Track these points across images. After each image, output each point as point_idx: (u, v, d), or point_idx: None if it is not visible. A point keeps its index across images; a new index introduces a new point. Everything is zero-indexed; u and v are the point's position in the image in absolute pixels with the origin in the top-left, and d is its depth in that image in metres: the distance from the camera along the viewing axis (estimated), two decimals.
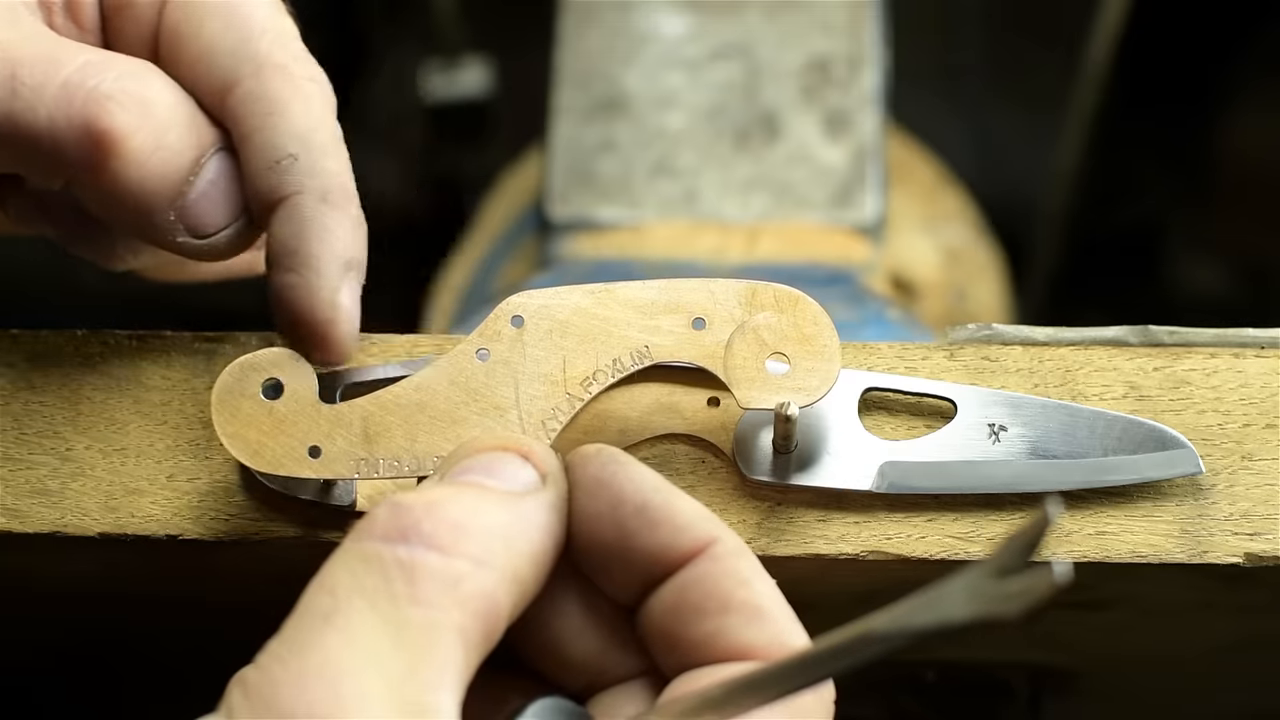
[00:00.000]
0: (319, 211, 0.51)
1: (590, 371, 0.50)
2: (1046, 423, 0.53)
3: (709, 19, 0.95)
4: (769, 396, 0.50)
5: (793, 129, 0.91)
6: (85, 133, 0.51)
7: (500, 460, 0.47)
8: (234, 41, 0.52)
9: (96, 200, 0.52)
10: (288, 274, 0.51)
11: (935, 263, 1.00)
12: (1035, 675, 0.67)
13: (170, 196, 0.52)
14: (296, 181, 0.51)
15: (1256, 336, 0.54)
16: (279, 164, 0.51)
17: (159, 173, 0.51)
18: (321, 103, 0.53)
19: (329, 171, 0.52)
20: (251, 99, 0.52)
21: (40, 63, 0.51)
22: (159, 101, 0.52)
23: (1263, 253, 1.35)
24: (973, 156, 1.34)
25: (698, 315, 0.50)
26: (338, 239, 0.51)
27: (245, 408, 0.50)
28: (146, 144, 0.51)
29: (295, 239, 0.51)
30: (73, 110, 0.51)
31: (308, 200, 0.51)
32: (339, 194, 0.52)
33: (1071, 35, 1.25)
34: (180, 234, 0.52)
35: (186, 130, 0.52)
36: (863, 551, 0.52)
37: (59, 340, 0.56)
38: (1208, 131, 1.31)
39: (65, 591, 0.60)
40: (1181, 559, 0.52)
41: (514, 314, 0.50)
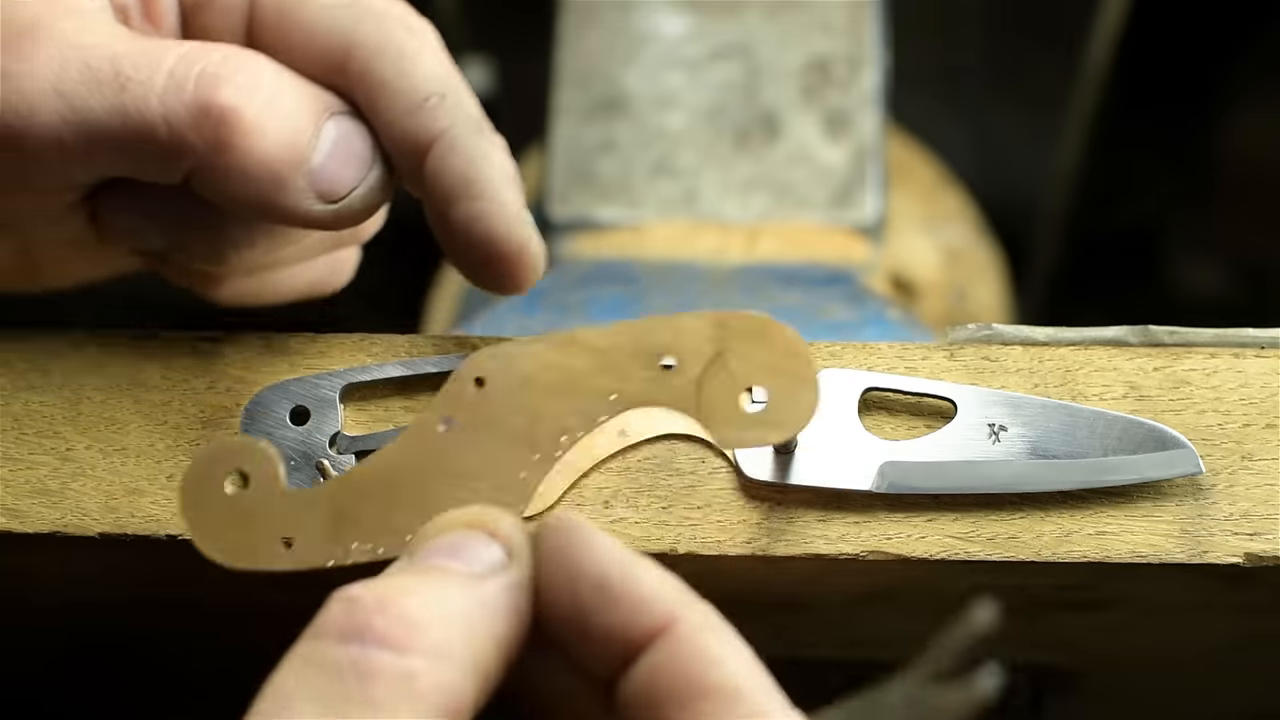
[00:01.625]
0: (478, 140, 0.52)
1: (559, 427, 0.48)
2: (1046, 423, 0.53)
3: (709, 19, 0.95)
4: (748, 436, 0.49)
5: (793, 129, 0.91)
6: (203, 113, 0.51)
7: (465, 541, 0.46)
8: (344, 2, 0.53)
9: (221, 184, 0.52)
10: (474, 202, 0.52)
11: (935, 263, 1.00)
12: (1035, 675, 0.67)
13: (296, 162, 0.52)
14: (448, 117, 0.52)
15: (1256, 336, 0.54)
16: (427, 103, 0.52)
17: (282, 140, 0.52)
18: (443, 49, 0.54)
19: (472, 103, 0.53)
20: (379, 52, 0.53)
21: (140, 56, 0.52)
22: (266, 73, 0.52)
23: (1263, 253, 1.35)
24: (973, 156, 1.34)
25: (665, 356, 0.48)
26: (504, 159, 0.53)
27: (214, 502, 0.48)
28: (265, 112, 0.51)
29: (469, 168, 0.52)
30: (185, 94, 0.51)
31: (466, 132, 0.52)
32: (486, 125, 0.53)
33: (1071, 35, 1.26)
34: (312, 202, 0.52)
35: (299, 96, 0.53)
36: (863, 551, 0.52)
37: (59, 340, 0.56)
38: (1208, 131, 1.32)
39: (64, 593, 0.60)
40: (1181, 559, 0.52)
41: (475, 375, 0.48)
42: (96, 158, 0.52)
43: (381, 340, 0.55)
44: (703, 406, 0.48)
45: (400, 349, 0.55)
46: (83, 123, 0.51)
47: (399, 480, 0.49)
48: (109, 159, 0.53)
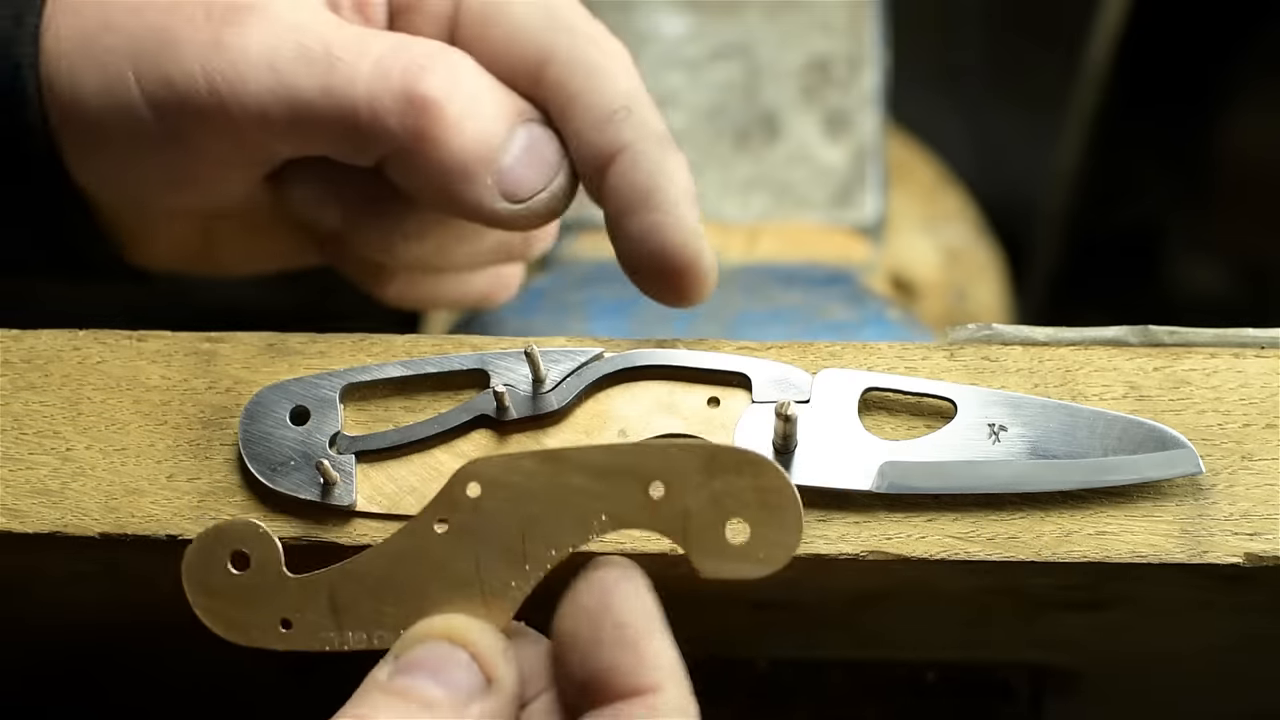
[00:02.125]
0: (660, 155, 0.54)
1: (550, 542, 0.48)
2: (1046, 423, 0.53)
3: (709, 19, 0.95)
4: (727, 568, 0.49)
5: (793, 129, 0.91)
6: (406, 100, 0.53)
7: (448, 660, 0.48)
8: (544, 15, 0.55)
9: (414, 171, 0.54)
10: (652, 213, 0.54)
11: (935, 263, 1.00)
12: (1035, 675, 0.67)
13: (487, 160, 0.54)
14: (634, 132, 0.54)
15: (1256, 336, 0.54)
16: (614, 117, 0.54)
17: (477, 137, 0.54)
18: (632, 66, 0.56)
19: (658, 121, 0.55)
20: (573, 65, 0.55)
21: (352, 41, 0.53)
22: (470, 71, 0.54)
23: (1263, 253, 1.35)
24: (973, 156, 1.34)
25: (656, 481, 0.48)
26: (685, 177, 0.54)
27: (215, 580, 0.50)
28: (465, 109, 0.53)
29: (650, 180, 0.54)
30: (391, 80, 0.53)
31: (650, 146, 0.54)
32: (670, 141, 0.55)
33: (1071, 35, 1.26)
34: (497, 200, 0.54)
35: (497, 98, 0.54)
36: (863, 551, 0.52)
37: (59, 340, 0.56)
38: (1208, 131, 1.32)
39: (63, 598, 0.60)
40: (1181, 559, 0.52)
41: (469, 483, 0.49)
42: (298, 133, 0.54)
43: (381, 340, 0.55)
44: (689, 535, 0.48)
45: (400, 349, 0.55)
46: (290, 97, 0.53)
47: (396, 575, 0.49)
48: (309, 136, 0.54)
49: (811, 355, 0.54)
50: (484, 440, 0.54)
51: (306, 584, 0.50)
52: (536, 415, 0.54)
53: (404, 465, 0.54)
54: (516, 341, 0.55)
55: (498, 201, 0.54)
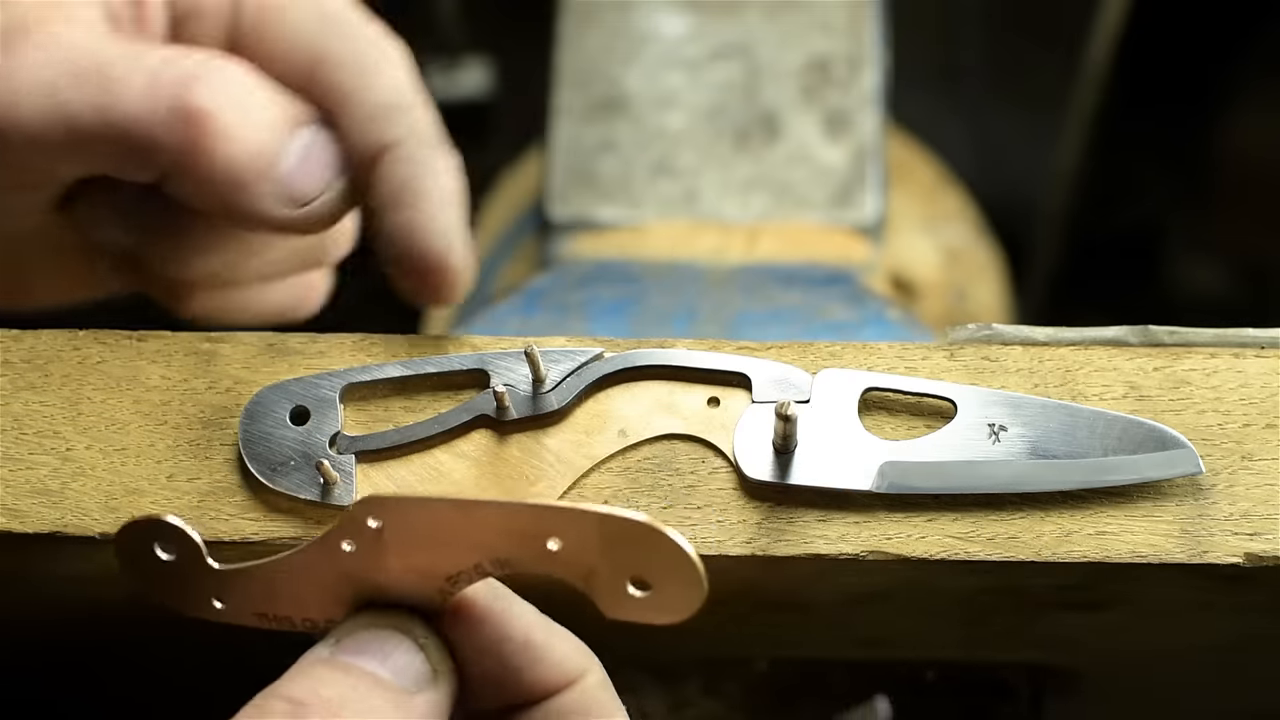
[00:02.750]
0: (427, 153, 0.54)
1: (454, 572, 0.48)
2: (1046, 423, 0.53)
3: (709, 19, 0.95)
4: (634, 614, 0.48)
5: (793, 129, 0.91)
6: (177, 113, 0.52)
7: (395, 644, 0.48)
8: (318, 17, 0.56)
9: (193, 184, 0.54)
10: (406, 210, 0.54)
11: (935, 263, 1.00)
12: (1035, 675, 0.67)
13: (265, 167, 0.53)
14: (402, 128, 0.54)
15: (1256, 336, 0.54)
16: (384, 113, 0.54)
17: (253, 144, 0.53)
18: (408, 65, 0.56)
19: (429, 120, 0.55)
20: (346, 63, 0.55)
21: (125, 58, 0.53)
22: (241, 79, 0.54)
23: (1263, 253, 1.35)
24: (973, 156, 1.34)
25: (553, 541, 0.47)
26: (449, 177, 0.54)
27: (147, 564, 0.49)
28: (236, 116, 0.53)
29: (410, 178, 0.54)
30: (161, 94, 0.53)
31: (415, 143, 0.54)
32: (438, 140, 0.55)
33: (1071, 35, 1.26)
34: (279, 206, 0.54)
35: (272, 104, 0.54)
36: (863, 551, 0.52)
37: (59, 340, 0.56)
38: (1208, 131, 1.32)
39: (63, 596, 0.60)
40: (1181, 559, 0.52)
41: (370, 516, 0.47)
42: (76, 154, 0.54)
43: (381, 340, 0.55)
44: (591, 586, 0.48)
45: (400, 349, 0.55)
46: (66, 119, 0.53)
47: (311, 580, 0.49)
48: (88, 156, 0.54)
49: (811, 355, 0.54)
50: (484, 440, 0.54)
51: (232, 575, 0.49)
52: (536, 415, 0.54)
53: (404, 465, 0.54)
54: (516, 341, 0.55)
55: (280, 207, 0.54)
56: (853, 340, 0.55)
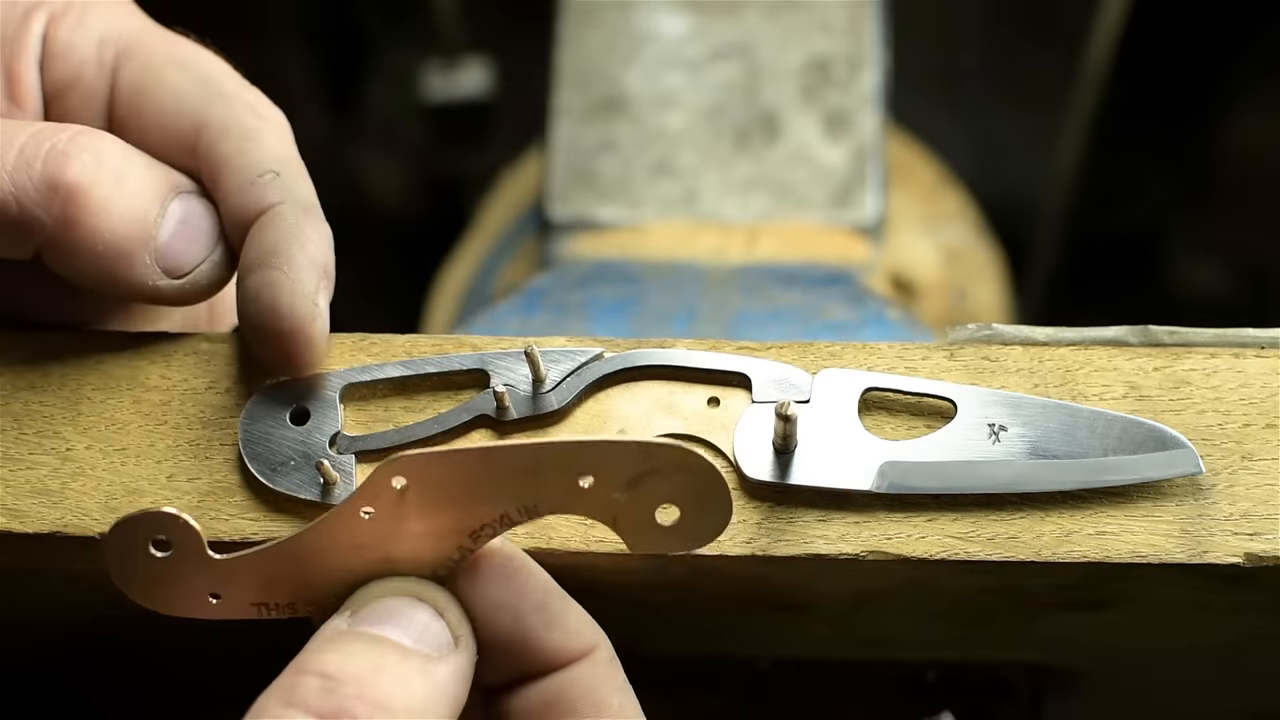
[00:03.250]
0: (300, 220, 0.53)
1: (477, 525, 0.49)
2: (1046, 423, 0.53)
3: (709, 19, 0.95)
4: (659, 545, 0.49)
5: (793, 129, 0.91)
6: (50, 189, 0.52)
7: (414, 611, 0.49)
8: (198, 85, 0.55)
9: (69, 260, 0.53)
10: (269, 271, 0.52)
11: (935, 263, 1.00)
12: (1035, 675, 0.67)
13: (142, 239, 0.53)
14: (278, 194, 0.53)
15: (1256, 336, 0.54)
16: (260, 179, 0.54)
17: (128, 216, 0.53)
18: (289, 135, 0.55)
19: (307, 188, 0.54)
20: (226, 131, 0.54)
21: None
22: (113, 152, 0.54)
23: (1263, 253, 1.35)
24: (973, 156, 1.34)
25: (584, 476, 0.48)
26: (318, 246, 0.53)
27: (139, 563, 0.49)
28: (110, 191, 0.53)
29: (277, 242, 0.53)
30: (33, 171, 0.53)
31: (289, 209, 0.53)
32: (315, 210, 0.54)
33: (1071, 35, 1.26)
34: (158, 277, 0.54)
35: (146, 175, 0.54)
36: (863, 551, 0.52)
37: (59, 340, 0.56)
38: (1208, 132, 1.32)
39: (63, 596, 0.60)
40: (1181, 559, 0.52)
41: (394, 477, 0.48)
42: None
43: (381, 340, 0.55)
44: (618, 519, 0.49)
45: (400, 349, 0.55)
46: None
47: (322, 557, 0.49)
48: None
49: (811, 355, 0.54)
50: (484, 440, 0.54)
51: (233, 564, 0.49)
52: (536, 415, 0.54)
53: None
54: (516, 341, 0.55)
55: (159, 278, 0.54)
56: (853, 340, 0.55)
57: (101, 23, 0.56)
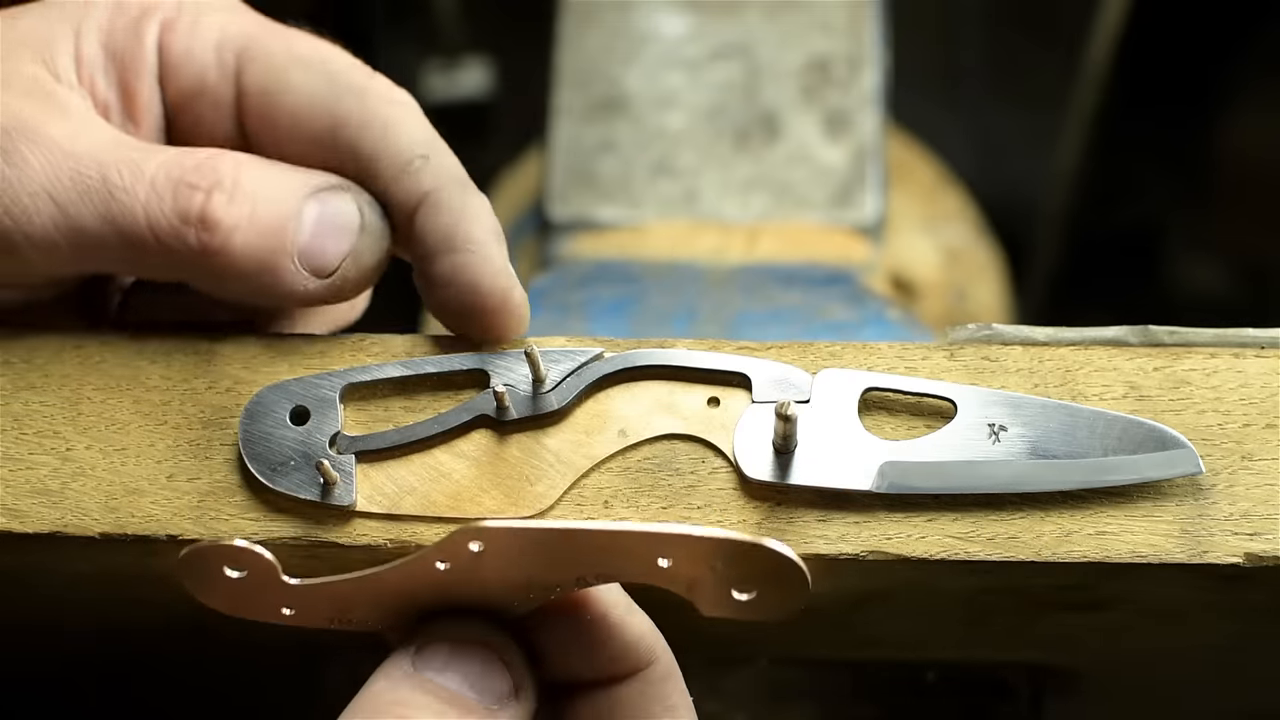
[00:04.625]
0: (464, 197, 0.54)
1: (554, 583, 0.50)
2: (1046, 423, 0.53)
3: (709, 19, 0.95)
4: (733, 613, 0.50)
5: (793, 129, 0.91)
6: (184, 221, 0.53)
7: (479, 661, 0.50)
8: (326, 82, 0.55)
9: (215, 283, 0.54)
10: (456, 254, 0.54)
11: (935, 263, 1.00)
12: (1035, 675, 0.67)
13: (282, 249, 0.54)
14: (433, 177, 0.54)
15: (1256, 336, 0.54)
16: (412, 165, 0.54)
17: (263, 231, 0.53)
18: (421, 113, 0.56)
19: (455, 162, 0.55)
20: (364, 122, 0.55)
21: (125, 165, 0.53)
22: (240, 172, 0.54)
23: (1263, 253, 1.35)
24: (973, 156, 1.34)
25: (664, 557, 0.49)
26: (489, 216, 0.55)
27: (216, 582, 0.50)
28: (242, 212, 0.53)
29: (453, 224, 0.54)
30: (166, 204, 0.53)
31: (451, 189, 0.54)
32: (470, 182, 0.55)
33: (1071, 35, 1.26)
34: (306, 280, 0.54)
35: (275, 186, 0.54)
36: (863, 551, 0.52)
37: (59, 340, 0.56)
38: (1208, 132, 1.32)
39: (63, 601, 0.60)
40: (1181, 559, 0.52)
41: (471, 541, 0.48)
42: (89, 260, 0.54)
43: (381, 340, 0.55)
44: (694, 590, 0.49)
45: (400, 349, 0.55)
46: (75, 229, 0.53)
47: (396, 594, 0.50)
48: (99, 262, 0.54)
49: (811, 355, 0.54)
50: (484, 440, 0.54)
51: (306, 589, 0.50)
52: (536, 415, 0.54)
53: (404, 465, 0.54)
54: (516, 342, 0.55)
55: (309, 281, 0.54)
56: (853, 340, 0.55)
57: (217, 26, 0.56)
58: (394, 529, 0.53)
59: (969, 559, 0.52)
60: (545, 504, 0.53)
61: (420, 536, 0.52)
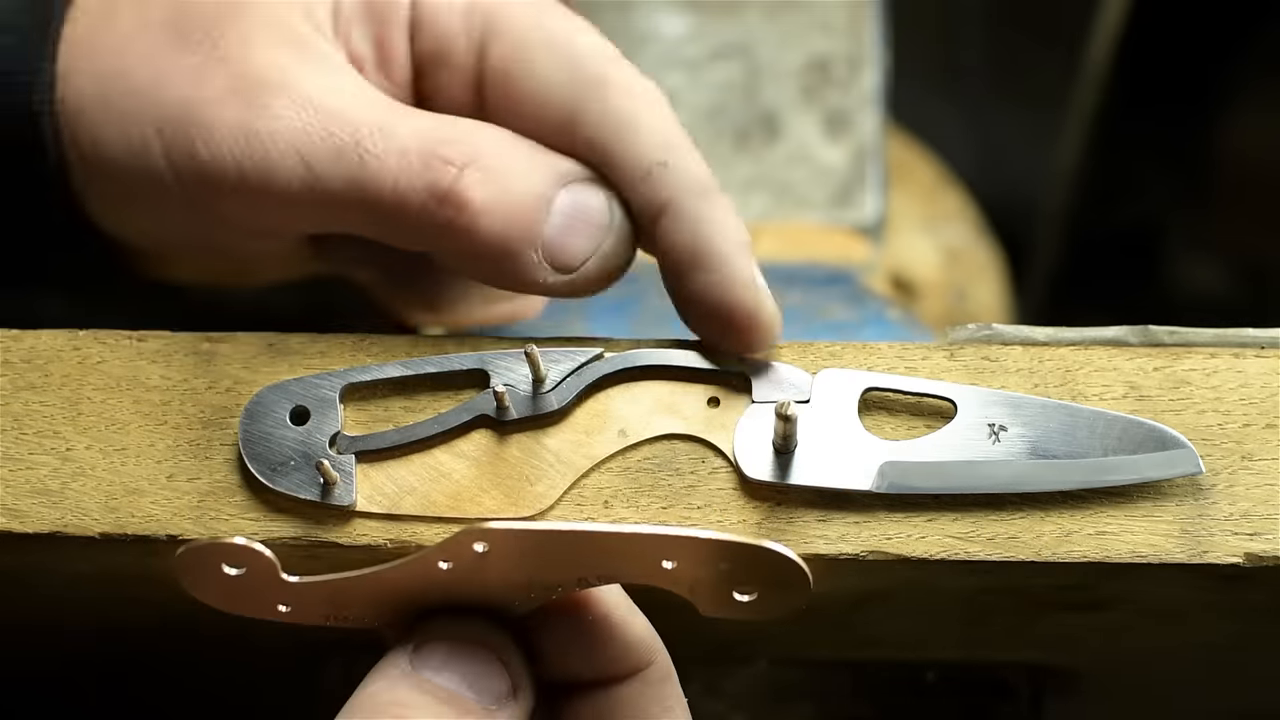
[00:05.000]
0: (703, 209, 0.52)
1: (554, 585, 0.49)
2: (1046, 423, 0.53)
3: (709, 19, 0.95)
4: (734, 613, 0.50)
5: (793, 129, 0.91)
6: (434, 196, 0.52)
7: (477, 661, 0.49)
8: (569, 70, 0.54)
9: (457, 260, 0.53)
10: (700, 274, 0.52)
11: (935, 263, 1.00)
12: (1035, 675, 0.67)
13: (529, 238, 0.52)
14: (672, 185, 0.53)
15: (1256, 336, 0.54)
16: (650, 174, 0.53)
17: (512, 216, 0.52)
18: (667, 109, 0.54)
19: (698, 170, 0.53)
20: (603, 121, 0.53)
21: (379, 129, 0.52)
22: (495, 151, 0.52)
23: (1263, 253, 1.35)
24: (973, 156, 1.34)
25: (669, 559, 0.49)
26: (730, 227, 0.53)
27: (212, 579, 0.50)
28: (494, 190, 0.52)
29: (694, 241, 0.52)
30: (417, 177, 0.52)
31: (689, 200, 0.52)
32: (712, 188, 0.53)
33: (1071, 35, 1.26)
34: (548, 274, 0.53)
35: (529, 171, 0.53)
36: (863, 551, 0.52)
37: (59, 340, 0.56)
38: (1208, 131, 1.32)
39: (63, 601, 0.60)
40: (1181, 559, 0.52)
41: (476, 542, 0.48)
42: (327, 219, 0.53)
43: (381, 340, 0.55)
44: (696, 591, 0.49)
45: (400, 349, 0.55)
46: (321, 188, 0.52)
47: (395, 592, 0.50)
48: (339, 222, 0.54)
49: (811, 355, 0.54)
50: (484, 440, 0.54)
51: (304, 588, 0.50)
52: (536, 415, 0.54)
53: (404, 465, 0.54)
54: (516, 341, 0.55)
55: (549, 275, 0.53)
56: (853, 340, 0.55)
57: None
58: (394, 529, 0.53)
59: (969, 559, 0.52)
60: (545, 504, 0.53)
61: (420, 536, 0.52)
